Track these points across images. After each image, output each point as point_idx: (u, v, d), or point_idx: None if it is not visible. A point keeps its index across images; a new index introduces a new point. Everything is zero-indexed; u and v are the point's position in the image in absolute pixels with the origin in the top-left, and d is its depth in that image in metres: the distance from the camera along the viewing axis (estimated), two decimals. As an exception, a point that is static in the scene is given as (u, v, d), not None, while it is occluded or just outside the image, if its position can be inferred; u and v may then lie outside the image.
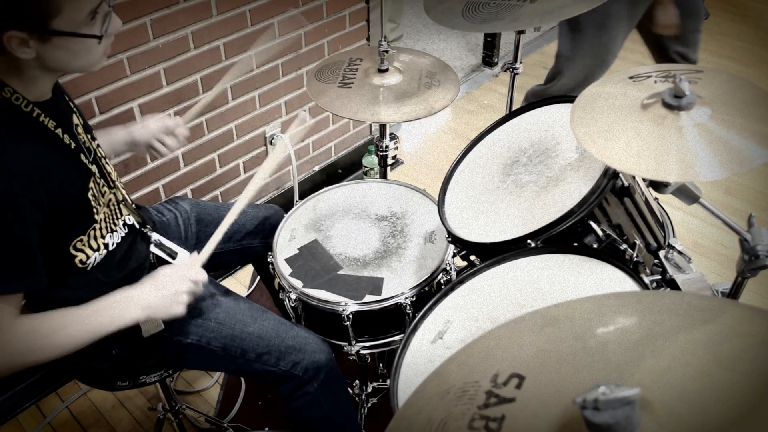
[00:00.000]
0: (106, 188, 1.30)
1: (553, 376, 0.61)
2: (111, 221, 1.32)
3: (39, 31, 1.03)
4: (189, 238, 1.63)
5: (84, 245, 1.24)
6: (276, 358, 1.43)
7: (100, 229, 1.27)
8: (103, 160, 1.32)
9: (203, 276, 1.32)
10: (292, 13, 1.92)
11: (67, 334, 1.17)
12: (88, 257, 1.25)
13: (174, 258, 1.46)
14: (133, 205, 1.44)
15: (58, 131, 1.17)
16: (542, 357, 0.64)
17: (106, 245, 1.29)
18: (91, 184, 1.23)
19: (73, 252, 1.22)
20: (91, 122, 1.91)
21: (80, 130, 1.26)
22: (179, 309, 1.27)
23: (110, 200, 1.31)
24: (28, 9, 1.01)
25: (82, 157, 1.22)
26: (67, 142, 1.19)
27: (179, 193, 2.29)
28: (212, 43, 2.11)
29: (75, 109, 1.29)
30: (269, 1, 2.19)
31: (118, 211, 1.35)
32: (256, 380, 2.00)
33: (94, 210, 1.24)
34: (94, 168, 1.25)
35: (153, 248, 1.44)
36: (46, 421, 2.02)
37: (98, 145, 1.33)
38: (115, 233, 1.32)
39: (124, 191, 1.39)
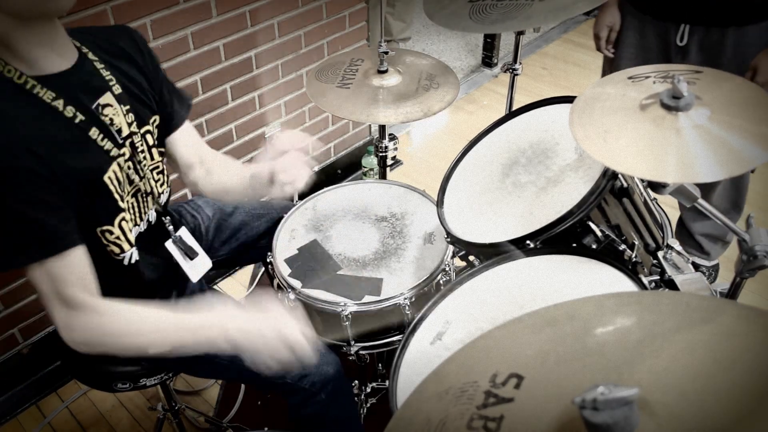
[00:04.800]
0: (135, 176, 1.22)
1: (552, 376, 0.61)
2: (137, 214, 1.25)
3: None
4: (205, 247, 1.61)
5: (117, 238, 1.19)
6: (283, 372, 1.38)
7: (128, 221, 1.21)
8: (150, 149, 1.24)
9: (309, 358, 1.18)
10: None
11: (152, 340, 1.15)
12: (122, 251, 1.21)
13: (192, 258, 1.37)
14: (161, 201, 1.34)
15: (57, 103, 1.08)
16: (541, 357, 0.64)
17: (137, 240, 1.25)
18: (113, 167, 1.15)
19: (102, 239, 1.17)
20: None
21: (109, 110, 1.15)
22: (263, 369, 1.15)
23: (138, 190, 1.24)
24: None
25: (93, 132, 1.13)
26: (70, 115, 1.09)
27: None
28: (212, 44, 2.11)
29: (114, 81, 1.17)
30: (269, 2, 2.20)
31: (145, 203, 1.27)
32: (263, 390, 2.01)
33: (117, 197, 1.16)
34: (121, 151, 1.17)
35: (169, 244, 1.35)
36: (46, 421, 2.02)
37: (149, 131, 1.23)
38: (137, 227, 1.27)
39: (158, 185, 1.30)
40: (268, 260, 1.60)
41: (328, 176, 2.82)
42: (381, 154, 1.98)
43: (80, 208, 1.12)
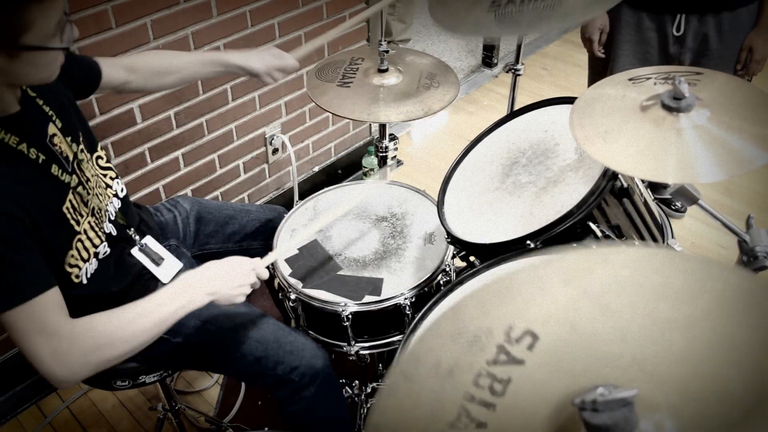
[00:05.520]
0: (88, 196, 1.26)
1: (566, 348, 0.59)
2: (100, 229, 1.29)
3: (8, 47, 0.99)
4: (187, 237, 1.62)
5: (76, 259, 1.22)
6: (274, 363, 1.42)
7: (89, 238, 1.25)
8: (86, 163, 1.28)
9: (266, 275, 1.33)
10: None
11: (137, 328, 1.16)
12: (80, 269, 1.23)
13: (159, 264, 1.42)
14: (119, 208, 1.38)
15: (22, 147, 1.13)
16: (560, 321, 0.61)
17: (96, 254, 1.27)
18: (70, 196, 1.20)
19: (68, 269, 1.20)
20: (92, 123, 1.91)
21: (57, 139, 1.21)
22: (240, 299, 1.29)
23: (94, 208, 1.28)
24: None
25: (54, 169, 1.18)
26: (33, 156, 1.14)
27: (179, 194, 2.29)
28: (212, 44, 2.11)
29: (54, 115, 1.23)
30: (269, 2, 2.20)
31: (103, 217, 1.32)
32: (254, 384, 2.01)
33: (73, 222, 1.20)
34: (72, 178, 1.22)
35: (136, 252, 1.40)
36: (46, 421, 2.02)
37: (82, 150, 1.28)
38: (105, 243, 1.30)
39: (107, 199, 1.34)
40: (268, 260, 1.60)
41: (329, 176, 2.82)
42: (381, 155, 1.98)
43: (48, 245, 1.14)
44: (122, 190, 1.41)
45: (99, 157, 1.36)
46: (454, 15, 1.62)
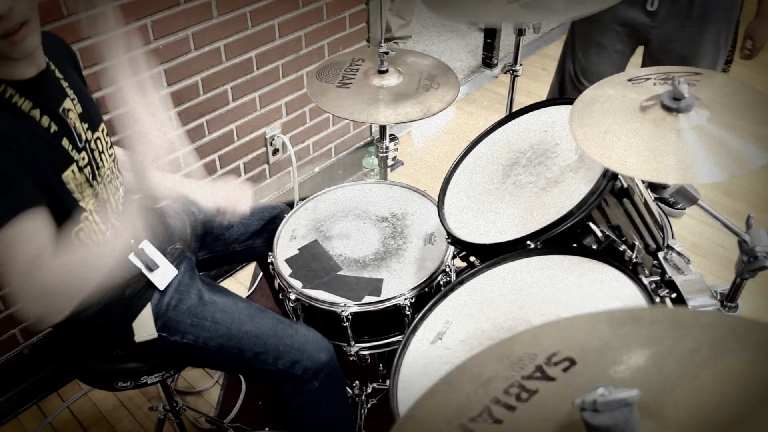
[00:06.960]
0: (95, 182, 1.25)
1: (600, 372, 0.61)
2: (104, 215, 1.28)
3: None
4: (193, 242, 1.62)
5: (93, 231, 1.21)
6: (274, 358, 1.42)
7: (95, 222, 1.24)
8: (101, 155, 1.28)
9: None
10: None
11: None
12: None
13: (152, 270, 1.39)
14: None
15: (34, 113, 1.13)
16: (602, 350, 0.64)
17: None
18: (73, 167, 1.18)
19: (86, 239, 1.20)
20: (92, 123, 1.91)
21: (72, 114, 1.20)
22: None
23: (99, 193, 1.27)
24: None
25: (65, 142, 1.17)
26: (45, 125, 1.14)
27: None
28: (213, 45, 2.11)
29: (74, 96, 1.23)
30: (270, 3, 2.20)
31: (109, 211, 1.31)
32: (257, 380, 2.01)
33: (76, 197, 1.19)
34: (80, 156, 1.21)
35: (131, 257, 1.37)
36: (47, 421, 2.03)
37: (98, 139, 1.27)
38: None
39: (115, 194, 1.34)
40: (269, 260, 1.60)
41: (329, 177, 2.83)
42: (382, 155, 1.98)
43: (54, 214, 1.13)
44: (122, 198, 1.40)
45: (116, 158, 1.36)
46: (468, 12, 1.59)
